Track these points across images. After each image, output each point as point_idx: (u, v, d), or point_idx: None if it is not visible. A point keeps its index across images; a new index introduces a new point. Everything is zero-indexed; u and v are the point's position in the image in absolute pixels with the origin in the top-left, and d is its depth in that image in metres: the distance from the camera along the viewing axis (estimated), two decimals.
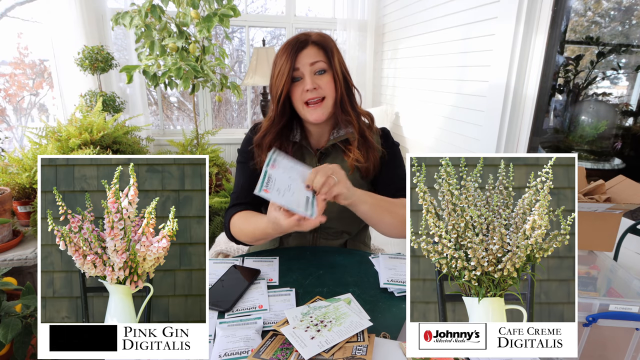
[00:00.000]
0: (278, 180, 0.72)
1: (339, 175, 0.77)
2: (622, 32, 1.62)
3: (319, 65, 0.95)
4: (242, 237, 0.98)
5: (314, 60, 0.95)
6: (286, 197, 0.72)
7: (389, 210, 0.90)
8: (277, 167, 0.74)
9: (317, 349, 0.61)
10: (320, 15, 3.59)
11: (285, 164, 0.76)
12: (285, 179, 0.73)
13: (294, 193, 0.73)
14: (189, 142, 2.63)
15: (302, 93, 0.95)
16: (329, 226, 1.08)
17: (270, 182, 0.71)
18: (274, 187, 0.71)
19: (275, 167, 0.74)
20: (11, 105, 3.84)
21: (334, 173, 0.77)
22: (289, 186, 0.73)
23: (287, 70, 0.94)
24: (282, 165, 0.75)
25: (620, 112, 1.64)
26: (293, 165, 0.77)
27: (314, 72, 0.95)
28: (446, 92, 2.11)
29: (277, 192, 0.71)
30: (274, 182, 0.72)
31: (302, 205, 0.73)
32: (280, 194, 0.71)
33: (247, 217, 0.98)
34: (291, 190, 0.73)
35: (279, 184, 0.72)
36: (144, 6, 2.07)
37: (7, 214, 1.63)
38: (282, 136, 1.03)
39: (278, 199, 0.71)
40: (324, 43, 0.97)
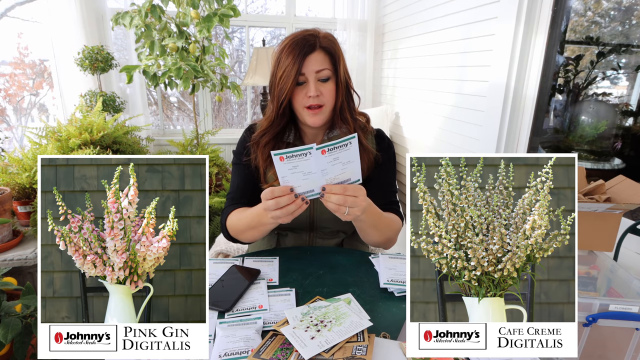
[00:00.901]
0: (304, 165, 0.71)
1: (359, 201, 0.76)
2: (622, 32, 1.62)
3: (324, 73, 0.94)
4: (238, 232, 0.98)
5: (320, 68, 0.94)
6: (296, 177, 0.72)
7: (378, 228, 0.94)
8: (312, 157, 0.70)
9: (317, 349, 0.61)
10: (320, 15, 3.59)
11: (326, 159, 0.71)
12: (311, 166, 0.71)
13: (307, 181, 0.73)
14: (189, 142, 2.63)
15: (304, 97, 0.95)
16: (324, 226, 1.09)
17: (298, 159, 0.70)
18: (295, 163, 0.70)
19: (310, 156, 0.70)
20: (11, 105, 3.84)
21: (355, 202, 0.76)
22: (309, 172, 0.72)
23: (294, 74, 0.92)
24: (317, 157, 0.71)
25: (620, 112, 1.64)
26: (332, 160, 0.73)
27: (318, 78, 0.95)
28: (446, 92, 2.11)
29: (293, 167, 0.70)
30: (299, 162, 0.71)
31: (303, 191, 0.74)
32: (293, 171, 0.71)
33: (242, 210, 0.99)
34: (307, 177, 0.73)
35: (303, 167, 0.71)
36: (144, 6, 2.07)
37: (7, 214, 1.63)
38: (277, 136, 1.03)
39: (288, 173, 0.71)
40: (331, 49, 0.96)
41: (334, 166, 0.72)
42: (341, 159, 0.72)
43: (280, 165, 0.70)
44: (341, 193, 0.74)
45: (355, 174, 0.75)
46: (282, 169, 0.70)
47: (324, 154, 0.70)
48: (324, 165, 0.71)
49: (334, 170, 0.73)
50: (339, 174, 0.74)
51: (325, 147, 0.69)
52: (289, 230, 1.13)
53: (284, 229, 1.12)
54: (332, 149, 0.70)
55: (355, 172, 0.75)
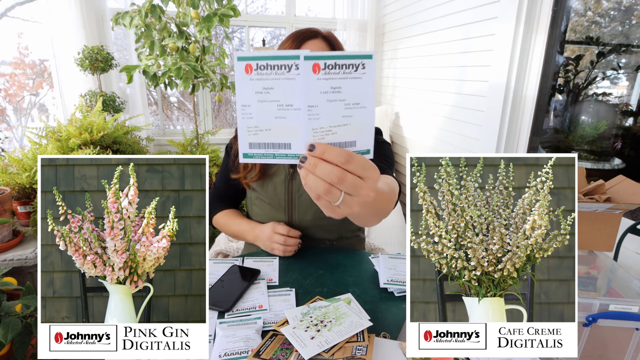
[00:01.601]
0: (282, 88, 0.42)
1: (364, 188, 0.44)
2: (622, 32, 1.62)
3: None
4: (223, 231, 1.12)
5: None
6: (264, 108, 0.43)
7: (379, 213, 0.72)
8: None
9: (317, 349, 0.61)
10: (320, 15, 3.59)
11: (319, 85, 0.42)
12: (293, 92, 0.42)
13: (283, 121, 0.43)
14: (189, 142, 2.63)
15: None
16: (305, 234, 1.05)
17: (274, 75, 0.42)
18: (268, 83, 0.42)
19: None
20: (11, 105, 3.84)
21: (357, 187, 0.43)
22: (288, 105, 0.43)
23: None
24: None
25: (620, 112, 1.64)
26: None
27: None
28: (446, 92, 2.11)
29: (264, 90, 0.42)
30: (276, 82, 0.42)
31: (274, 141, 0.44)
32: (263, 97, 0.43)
33: (230, 216, 1.10)
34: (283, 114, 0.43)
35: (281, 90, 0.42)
36: (144, 6, 2.07)
37: (7, 214, 1.63)
38: None
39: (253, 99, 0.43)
40: (332, 39, 0.98)
41: (330, 102, 0.42)
42: (345, 90, 0.42)
43: (243, 80, 0.42)
44: (339, 164, 0.42)
45: (364, 131, 0.44)
46: (247, 88, 0.42)
47: (316, 73, 0.41)
48: (314, 95, 0.41)
49: (329, 110, 0.42)
50: (337, 120, 0.43)
51: (320, 58, 0.40)
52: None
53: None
54: (331, 68, 0.41)
55: (364, 127, 0.44)
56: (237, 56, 0.42)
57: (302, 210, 1.02)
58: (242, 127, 0.44)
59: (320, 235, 1.07)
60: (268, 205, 1.05)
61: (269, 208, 1.05)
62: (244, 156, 0.45)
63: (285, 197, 1.03)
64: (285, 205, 1.03)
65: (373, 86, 0.43)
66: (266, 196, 1.04)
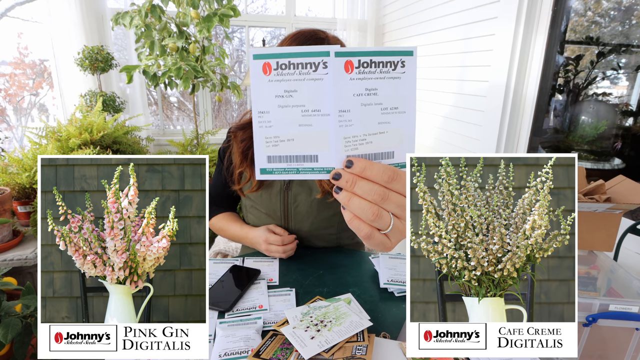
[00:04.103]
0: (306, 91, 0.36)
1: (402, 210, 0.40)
2: (622, 32, 1.62)
3: None
4: (221, 235, 1.11)
5: None
6: (285, 115, 0.37)
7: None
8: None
9: (317, 348, 0.61)
10: (320, 15, 3.59)
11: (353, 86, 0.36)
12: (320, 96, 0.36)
13: (308, 130, 0.38)
14: (189, 142, 2.63)
15: None
16: (302, 244, 1.04)
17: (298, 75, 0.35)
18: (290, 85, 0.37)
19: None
20: (11, 105, 3.84)
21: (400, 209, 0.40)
22: (315, 110, 0.34)
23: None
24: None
25: (620, 112, 1.64)
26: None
27: None
28: (446, 92, 2.11)
29: (285, 92, 0.36)
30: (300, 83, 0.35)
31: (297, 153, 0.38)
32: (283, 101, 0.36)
33: (227, 220, 1.09)
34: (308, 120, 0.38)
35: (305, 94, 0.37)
36: (144, 6, 2.07)
37: (7, 214, 1.63)
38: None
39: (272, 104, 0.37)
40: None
41: (365, 106, 0.36)
42: (382, 92, 0.36)
43: (261, 82, 0.36)
44: (382, 183, 0.37)
45: (404, 140, 0.39)
46: (264, 91, 0.36)
47: (349, 72, 0.35)
48: (346, 98, 0.36)
49: (363, 116, 0.36)
50: (373, 127, 0.37)
51: (353, 54, 0.35)
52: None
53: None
54: (366, 66, 0.35)
55: (404, 134, 0.39)
56: (253, 53, 0.35)
57: (299, 221, 1.01)
58: (260, 138, 0.37)
59: (318, 244, 1.06)
60: (264, 214, 1.03)
61: (265, 217, 1.03)
62: (262, 172, 0.38)
63: (281, 208, 1.01)
64: (281, 215, 1.01)
65: (414, 87, 0.37)
66: (262, 206, 1.02)
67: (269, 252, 0.96)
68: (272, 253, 0.95)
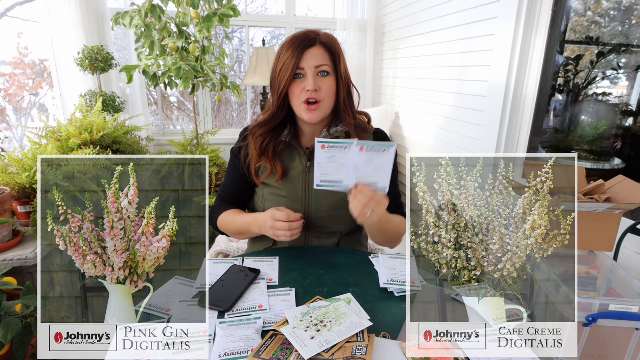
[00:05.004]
0: (340, 157, 0.79)
1: (380, 209, 0.82)
2: (622, 32, 1.62)
3: (323, 68, 0.96)
4: (228, 232, 1.09)
5: (319, 64, 0.96)
6: (330, 165, 0.81)
7: (386, 232, 1.00)
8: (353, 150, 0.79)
9: (317, 349, 0.61)
10: (320, 15, 3.59)
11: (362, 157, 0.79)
12: (346, 159, 0.79)
13: (339, 172, 0.82)
14: (189, 142, 2.62)
15: (302, 91, 0.96)
16: (319, 225, 1.09)
17: (337, 150, 0.79)
18: (333, 153, 0.79)
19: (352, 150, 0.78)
20: (11, 105, 3.84)
21: (377, 207, 0.82)
22: (343, 164, 0.80)
23: (292, 66, 0.94)
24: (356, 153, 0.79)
25: (620, 112, 1.64)
26: (372, 158, 0.80)
27: (317, 73, 0.96)
28: (446, 92, 2.10)
29: (331, 157, 0.79)
30: (337, 153, 0.79)
31: (332, 179, 0.82)
32: (330, 160, 0.80)
33: (233, 214, 1.08)
34: (340, 169, 0.81)
35: (340, 158, 0.79)
36: (144, 6, 2.07)
37: (7, 214, 1.63)
38: (274, 131, 1.04)
39: (325, 161, 0.80)
40: (331, 46, 0.98)
41: (366, 166, 0.79)
42: (376, 161, 0.78)
43: (320, 152, 0.79)
44: (370, 197, 0.79)
45: (383, 180, 0.80)
46: (321, 156, 0.79)
47: (361, 151, 0.77)
48: (358, 162, 0.79)
49: (365, 170, 0.79)
50: (370, 175, 0.80)
51: (364, 144, 0.77)
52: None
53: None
54: (370, 150, 0.77)
55: (383, 178, 0.80)
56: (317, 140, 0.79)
57: (319, 201, 1.04)
58: (318, 172, 0.82)
59: (334, 226, 1.09)
60: (284, 199, 1.05)
61: (285, 201, 1.05)
62: (317, 185, 0.83)
63: (303, 188, 1.05)
64: (302, 196, 1.05)
65: (392, 161, 0.78)
66: (285, 189, 1.05)
67: (275, 231, 0.94)
68: (278, 232, 0.94)
